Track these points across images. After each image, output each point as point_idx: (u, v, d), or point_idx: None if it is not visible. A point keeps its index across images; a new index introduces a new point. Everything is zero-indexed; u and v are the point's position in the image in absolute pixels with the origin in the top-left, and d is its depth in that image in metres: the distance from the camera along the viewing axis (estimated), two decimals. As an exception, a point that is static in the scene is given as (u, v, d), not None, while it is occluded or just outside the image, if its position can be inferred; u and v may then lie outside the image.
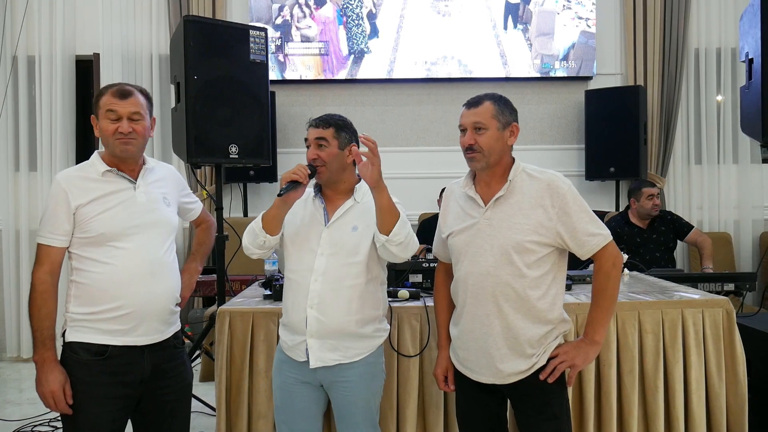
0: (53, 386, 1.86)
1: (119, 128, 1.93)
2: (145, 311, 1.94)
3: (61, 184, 1.92)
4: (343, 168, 2.05)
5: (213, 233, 2.44)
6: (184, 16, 3.17)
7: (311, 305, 1.97)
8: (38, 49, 4.80)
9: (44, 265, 1.91)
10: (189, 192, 2.30)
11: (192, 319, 4.09)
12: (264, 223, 1.99)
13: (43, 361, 1.87)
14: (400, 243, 1.91)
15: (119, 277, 1.91)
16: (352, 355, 2.00)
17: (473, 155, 1.89)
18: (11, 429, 3.39)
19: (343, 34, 4.89)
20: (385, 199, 1.90)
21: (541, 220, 1.85)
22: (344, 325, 1.98)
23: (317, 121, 2.04)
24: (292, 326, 2.03)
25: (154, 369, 1.98)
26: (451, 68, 4.88)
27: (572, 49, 4.88)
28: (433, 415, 2.39)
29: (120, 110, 1.94)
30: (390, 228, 1.89)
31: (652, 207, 4.15)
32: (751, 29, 2.74)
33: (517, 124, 1.93)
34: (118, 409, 1.93)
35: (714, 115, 4.98)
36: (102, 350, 1.90)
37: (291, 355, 2.04)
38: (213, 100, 3.07)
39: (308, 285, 1.98)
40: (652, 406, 2.37)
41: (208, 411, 3.42)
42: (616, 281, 1.90)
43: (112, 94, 1.94)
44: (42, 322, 1.88)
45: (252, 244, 2.02)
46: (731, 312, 2.43)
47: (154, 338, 1.98)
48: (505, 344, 1.87)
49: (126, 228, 1.93)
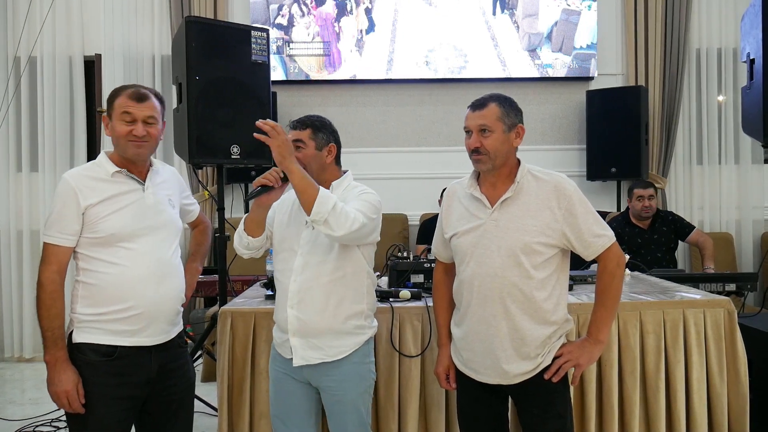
0: (67, 386, 1.86)
1: (134, 131, 1.93)
2: (154, 312, 1.95)
3: (70, 183, 1.90)
4: (323, 168, 2.06)
5: (210, 234, 2.45)
6: (186, 16, 3.17)
7: (291, 305, 1.99)
8: (40, 50, 4.81)
9: (52, 264, 1.90)
10: (189, 194, 2.31)
11: (193, 319, 4.10)
12: (245, 226, 2.09)
13: (56, 361, 1.87)
14: (325, 221, 1.83)
15: (129, 278, 1.91)
16: (335, 353, 1.99)
17: (479, 158, 1.89)
18: (13, 429, 3.39)
19: (341, 31, 4.90)
20: (296, 179, 1.86)
21: (548, 222, 1.85)
22: (323, 322, 1.98)
23: (294, 122, 2.07)
24: (278, 324, 2.08)
25: (160, 369, 1.99)
26: (448, 53, 4.92)
27: (555, 26, 4.92)
28: (434, 415, 2.39)
29: (136, 113, 1.94)
30: (309, 207, 1.84)
31: (642, 208, 4.14)
32: (753, 29, 2.74)
33: (522, 126, 1.93)
34: (125, 410, 1.93)
35: (715, 115, 4.98)
36: (110, 351, 1.90)
37: (280, 352, 2.08)
38: (215, 101, 3.07)
39: (288, 285, 2.01)
40: (653, 407, 2.37)
41: (210, 411, 3.42)
42: (620, 281, 1.92)
43: (129, 96, 1.94)
44: (52, 322, 1.88)
45: (239, 245, 2.13)
46: (733, 312, 2.43)
47: (161, 338, 1.99)
48: (511, 345, 1.87)
49: (136, 229, 1.94)
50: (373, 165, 4.86)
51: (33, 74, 4.87)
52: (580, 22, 4.91)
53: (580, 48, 4.92)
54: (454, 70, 4.92)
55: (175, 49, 3.26)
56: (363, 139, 4.97)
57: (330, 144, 2.06)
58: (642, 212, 4.14)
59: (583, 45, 4.92)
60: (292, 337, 2.00)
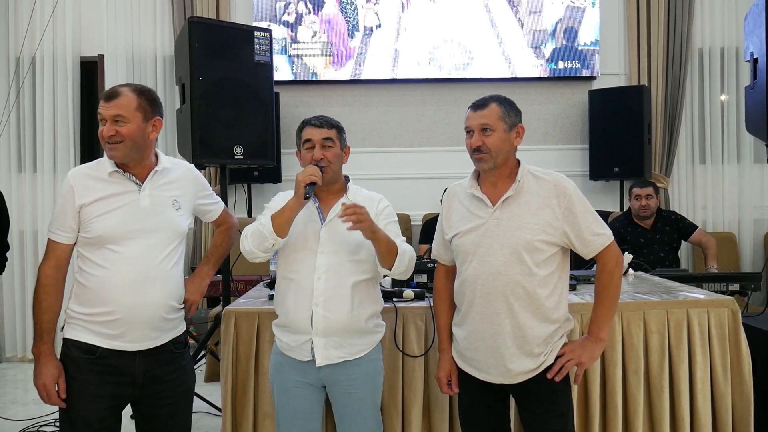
0: (46, 380, 1.88)
1: (102, 131, 1.91)
2: (132, 318, 1.91)
3: (69, 181, 1.92)
4: (341, 168, 2.12)
5: (233, 235, 2.33)
6: (189, 17, 3.18)
7: (316, 303, 1.98)
8: (42, 51, 4.81)
9: (50, 259, 1.93)
10: (209, 193, 2.22)
11: (197, 319, 4.10)
12: (276, 227, 1.95)
13: (40, 354, 1.90)
14: (402, 272, 2.01)
15: (111, 282, 1.89)
16: (356, 351, 2.03)
17: (481, 156, 1.91)
18: (17, 429, 3.40)
19: (345, 30, 4.90)
20: (383, 244, 1.95)
21: (549, 220, 1.87)
22: (350, 321, 2.00)
23: (321, 121, 2.08)
24: (293, 326, 2.03)
25: (147, 374, 1.95)
26: (453, 50, 4.92)
27: (559, 23, 4.92)
28: (438, 415, 2.39)
29: (104, 113, 1.89)
30: (391, 264, 1.97)
31: (639, 207, 4.14)
32: (756, 29, 2.74)
33: (522, 125, 1.96)
34: (106, 408, 1.92)
35: (718, 114, 4.97)
36: (92, 350, 1.90)
37: (293, 356, 2.04)
38: (218, 101, 3.08)
39: (311, 284, 1.99)
40: (657, 406, 2.37)
41: (214, 411, 3.42)
42: (619, 279, 1.94)
43: (102, 97, 1.92)
44: (41, 315, 1.90)
45: (258, 248, 1.98)
46: (737, 312, 2.43)
47: (145, 345, 1.94)
48: (514, 343, 1.88)
49: (125, 232, 1.91)
50: (376, 165, 4.86)
51: (35, 75, 4.86)
52: (584, 19, 4.91)
53: (584, 45, 4.92)
54: (459, 67, 4.92)
55: (178, 50, 3.27)
56: (366, 139, 4.97)
57: (347, 146, 2.13)
58: (639, 212, 4.14)
59: (587, 42, 4.92)
60: (315, 336, 1.99)
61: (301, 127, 2.11)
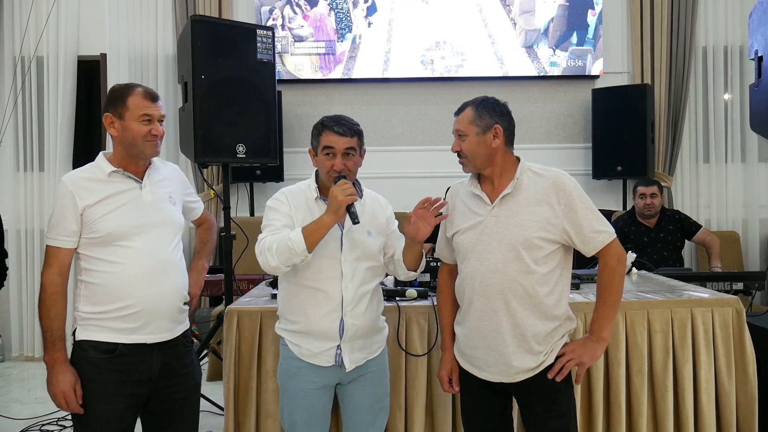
0: (64, 387, 1.87)
1: (152, 130, 1.96)
2: (154, 309, 1.95)
3: (67, 186, 1.92)
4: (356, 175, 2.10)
5: (215, 232, 2.44)
6: (192, 15, 3.18)
7: (346, 312, 1.99)
8: (45, 50, 4.81)
9: (53, 266, 1.92)
10: (192, 191, 2.30)
11: (199, 318, 4.10)
12: (308, 244, 1.87)
13: (54, 362, 1.88)
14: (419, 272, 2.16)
15: (127, 276, 1.91)
16: (376, 348, 2.11)
17: (461, 161, 1.97)
18: (19, 428, 3.40)
19: (336, 30, 4.89)
20: (418, 252, 2.08)
21: (548, 217, 1.86)
22: (371, 323, 2.06)
23: (343, 129, 1.98)
24: (318, 334, 2.00)
25: (163, 367, 1.98)
26: (445, 52, 4.91)
27: (551, 22, 4.91)
28: (441, 414, 2.39)
29: (154, 113, 1.97)
30: (417, 266, 2.11)
31: (644, 206, 4.13)
32: (761, 27, 2.73)
33: (499, 126, 1.91)
34: (126, 408, 1.94)
35: (722, 113, 4.95)
36: (111, 348, 1.91)
37: (315, 362, 2.01)
38: (220, 100, 3.07)
39: (339, 292, 1.98)
40: (661, 406, 2.37)
41: (216, 410, 3.42)
42: (621, 278, 1.92)
43: (144, 96, 1.95)
44: (52, 323, 1.89)
45: (285, 264, 1.91)
46: (741, 311, 2.42)
47: (164, 336, 1.98)
48: (513, 341, 1.87)
49: (133, 227, 1.94)
50: (377, 164, 4.80)
51: (38, 74, 4.87)
52: (577, 17, 4.88)
53: (584, 44, 4.90)
54: (452, 69, 4.91)
55: (180, 48, 3.26)
56: (367, 138, 4.92)
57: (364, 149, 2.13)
58: (644, 210, 4.14)
59: (580, 40, 4.90)
60: (344, 343, 2.00)
61: (320, 129, 2.02)
